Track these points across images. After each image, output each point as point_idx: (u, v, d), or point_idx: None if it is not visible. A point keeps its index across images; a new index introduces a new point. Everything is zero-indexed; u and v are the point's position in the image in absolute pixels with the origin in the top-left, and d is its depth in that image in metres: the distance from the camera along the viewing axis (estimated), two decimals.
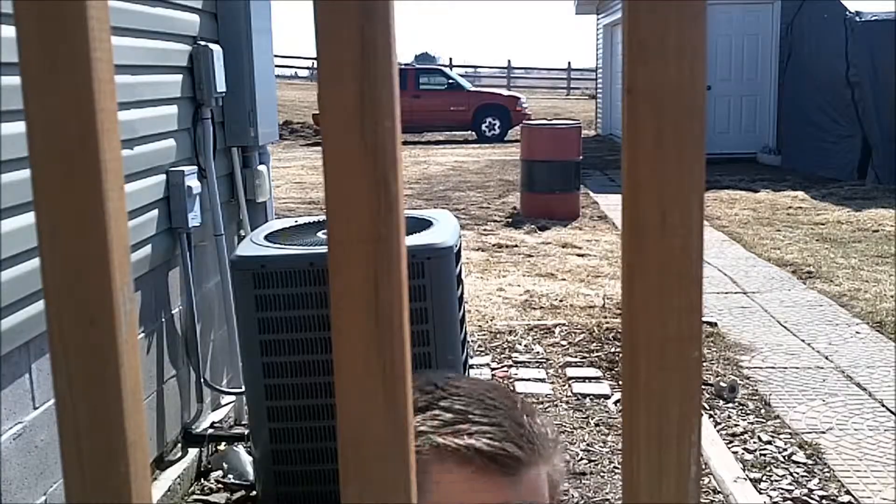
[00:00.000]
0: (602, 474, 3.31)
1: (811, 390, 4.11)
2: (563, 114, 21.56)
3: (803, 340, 4.83)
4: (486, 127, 18.75)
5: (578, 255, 7.08)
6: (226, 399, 3.83)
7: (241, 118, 3.99)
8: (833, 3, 11.26)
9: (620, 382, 0.51)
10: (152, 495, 0.38)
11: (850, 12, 10.94)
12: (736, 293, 5.87)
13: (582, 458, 3.43)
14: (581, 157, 8.94)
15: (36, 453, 2.47)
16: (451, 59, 36.38)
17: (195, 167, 3.57)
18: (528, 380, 4.21)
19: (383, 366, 0.35)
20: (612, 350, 4.59)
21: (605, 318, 5.17)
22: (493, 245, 7.49)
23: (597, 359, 4.51)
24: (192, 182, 3.45)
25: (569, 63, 35.77)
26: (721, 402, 3.96)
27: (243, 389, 3.26)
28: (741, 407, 3.91)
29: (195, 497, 3.23)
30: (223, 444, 3.49)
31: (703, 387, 2.78)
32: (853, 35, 10.81)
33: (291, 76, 31.35)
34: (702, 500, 1.18)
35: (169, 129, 3.44)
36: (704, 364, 4.28)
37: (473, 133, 18.92)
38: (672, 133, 0.35)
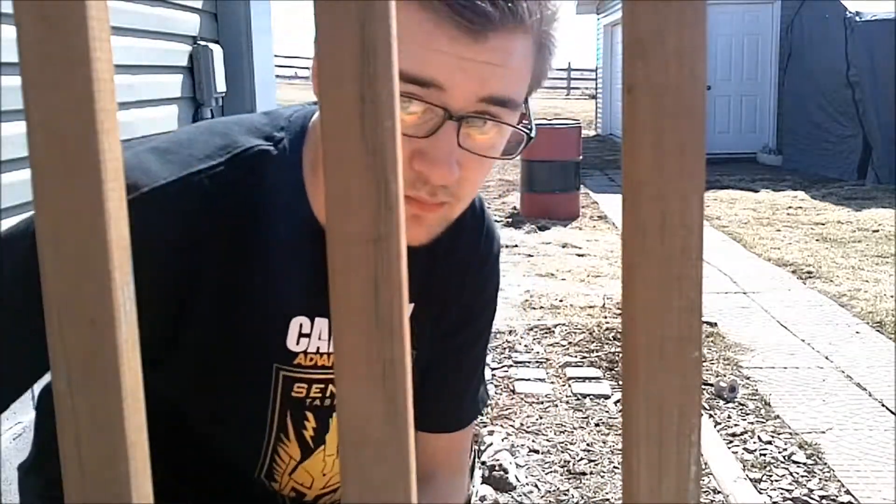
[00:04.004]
0: (602, 474, 3.31)
1: (811, 390, 4.11)
2: (563, 114, 21.55)
3: (803, 340, 4.83)
4: None
5: (578, 255, 7.08)
6: None
7: None
8: (833, 3, 11.26)
9: (620, 382, 0.51)
10: (152, 495, 0.38)
11: (850, 12, 10.94)
12: (736, 293, 5.86)
13: (582, 458, 3.43)
14: (581, 157, 8.93)
15: None
16: None
17: None
18: (528, 380, 4.21)
19: (383, 366, 0.35)
20: (612, 350, 4.59)
21: (605, 318, 5.17)
22: None
23: (597, 359, 4.51)
24: None
25: (569, 63, 35.76)
26: (721, 402, 3.96)
27: None
28: (741, 407, 3.91)
29: None
30: None
31: (703, 387, 2.77)
32: (853, 35, 10.81)
33: (291, 76, 31.32)
34: (702, 500, 1.18)
35: (169, 128, 3.44)
36: (704, 364, 4.28)
37: None
38: (672, 133, 0.35)
